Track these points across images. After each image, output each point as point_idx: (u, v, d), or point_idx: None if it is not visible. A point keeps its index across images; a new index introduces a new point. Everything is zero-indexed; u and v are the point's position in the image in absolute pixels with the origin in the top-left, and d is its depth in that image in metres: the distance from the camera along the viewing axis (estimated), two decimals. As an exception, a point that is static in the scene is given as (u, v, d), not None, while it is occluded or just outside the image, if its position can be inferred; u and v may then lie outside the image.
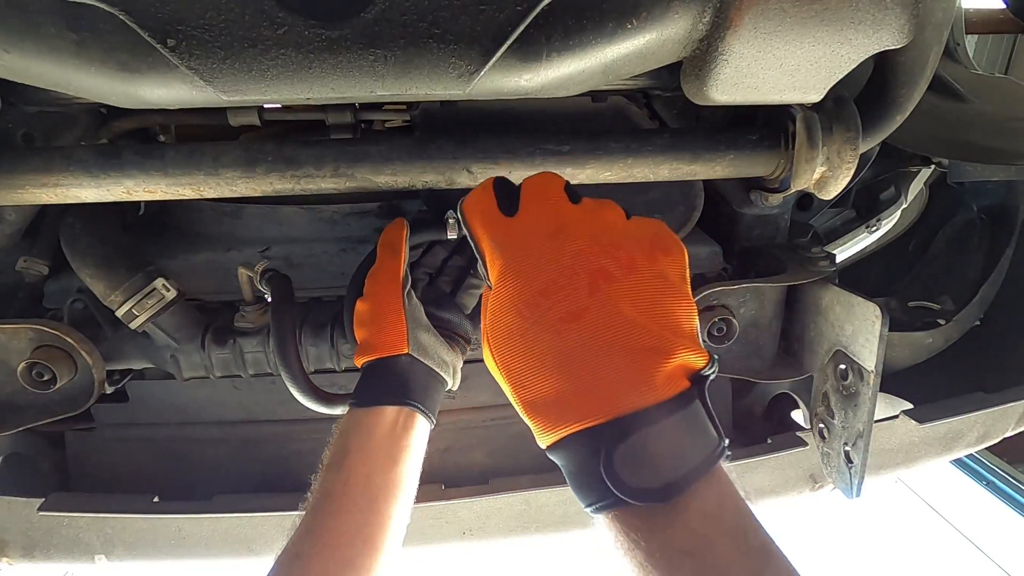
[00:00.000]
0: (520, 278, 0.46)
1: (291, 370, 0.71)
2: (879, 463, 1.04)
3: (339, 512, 0.57)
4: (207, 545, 0.93)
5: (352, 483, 0.59)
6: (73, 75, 0.53)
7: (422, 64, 0.54)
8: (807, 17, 0.54)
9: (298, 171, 0.70)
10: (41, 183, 0.67)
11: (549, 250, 0.46)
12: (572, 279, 0.44)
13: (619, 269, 0.44)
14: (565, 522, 0.98)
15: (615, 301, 0.43)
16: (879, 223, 1.31)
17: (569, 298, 0.43)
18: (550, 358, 0.43)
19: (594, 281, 0.44)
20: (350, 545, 0.56)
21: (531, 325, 0.44)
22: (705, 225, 0.95)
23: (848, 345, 0.76)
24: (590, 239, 0.46)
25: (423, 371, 0.66)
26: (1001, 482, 3.24)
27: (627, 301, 0.43)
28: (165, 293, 0.78)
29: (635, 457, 0.40)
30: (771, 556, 0.40)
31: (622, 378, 0.41)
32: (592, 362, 0.42)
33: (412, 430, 0.64)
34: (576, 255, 0.45)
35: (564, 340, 0.43)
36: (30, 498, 0.89)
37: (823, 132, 0.70)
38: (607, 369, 0.42)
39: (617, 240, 0.46)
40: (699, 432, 0.42)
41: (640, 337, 0.42)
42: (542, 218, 0.48)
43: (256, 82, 0.53)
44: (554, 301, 0.44)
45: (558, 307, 0.43)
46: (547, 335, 0.43)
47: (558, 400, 0.42)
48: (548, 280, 0.45)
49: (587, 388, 0.42)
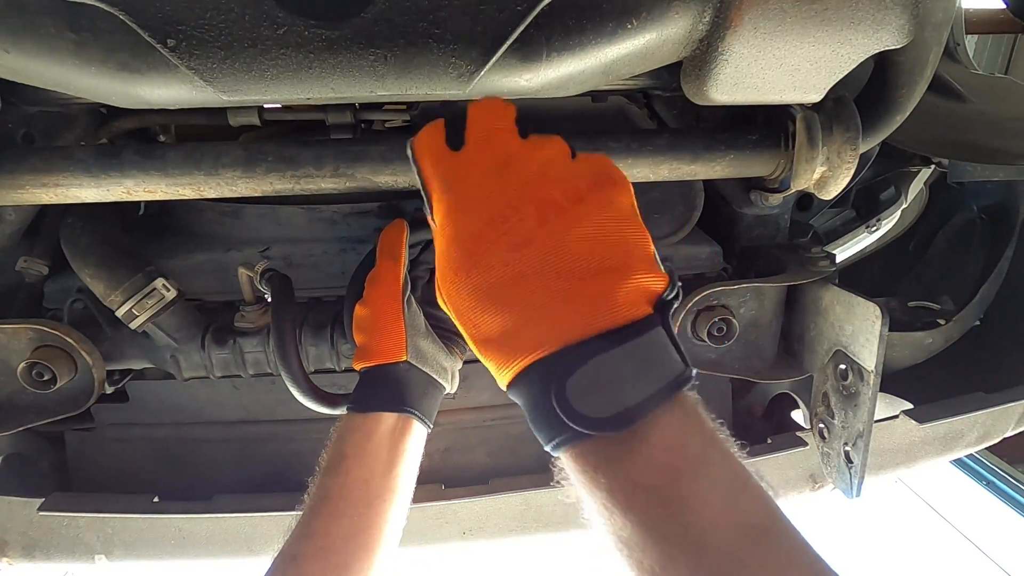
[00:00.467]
0: (465, 212, 0.44)
1: (291, 370, 0.71)
2: (879, 463, 1.04)
3: (336, 515, 0.57)
4: (207, 545, 0.93)
5: (349, 487, 0.59)
6: (73, 75, 0.53)
7: (422, 64, 0.54)
8: (807, 17, 0.54)
9: (298, 171, 0.70)
10: (41, 183, 0.67)
11: (494, 183, 0.44)
12: (519, 210, 0.42)
13: (567, 200, 0.43)
14: (565, 522, 0.97)
15: (564, 229, 0.41)
16: (879, 223, 1.31)
17: (516, 228, 0.42)
18: (499, 291, 0.41)
19: (542, 211, 0.42)
20: (346, 548, 0.56)
21: (478, 259, 0.42)
22: (705, 225, 0.95)
23: (848, 345, 0.76)
24: (537, 171, 0.44)
25: (421, 378, 0.66)
26: (1001, 482, 3.24)
27: (577, 229, 0.41)
28: (165, 293, 0.78)
29: (589, 385, 0.38)
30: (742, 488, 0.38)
31: (575, 304, 0.39)
32: (543, 291, 0.40)
33: (409, 435, 0.64)
34: (522, 186, 0.43)
35: (512, 270, 0.41)
36: (30, 498, 0.89)
37: (823, 132, 0.70)
38: (558, 297, 0.40)
39: (564, 173, 0.45)
40: (660, 359, 0.39)
41: (592, 261, 0.40)
42: (488, 152, 0.46)
43: (256, 82, 0.53)
44: (500, 232, 0.42)
45: (505, 238, 0.41)
46: (495, 268, 0.41)
47: (510, 334, 0.41)
48: (494, 212, 0.43)
49: (538, 317, 0.40)
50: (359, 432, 0.62)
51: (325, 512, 0.58)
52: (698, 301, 0.80)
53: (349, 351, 0.83)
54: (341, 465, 0.60)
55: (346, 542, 0.57)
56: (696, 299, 0.80)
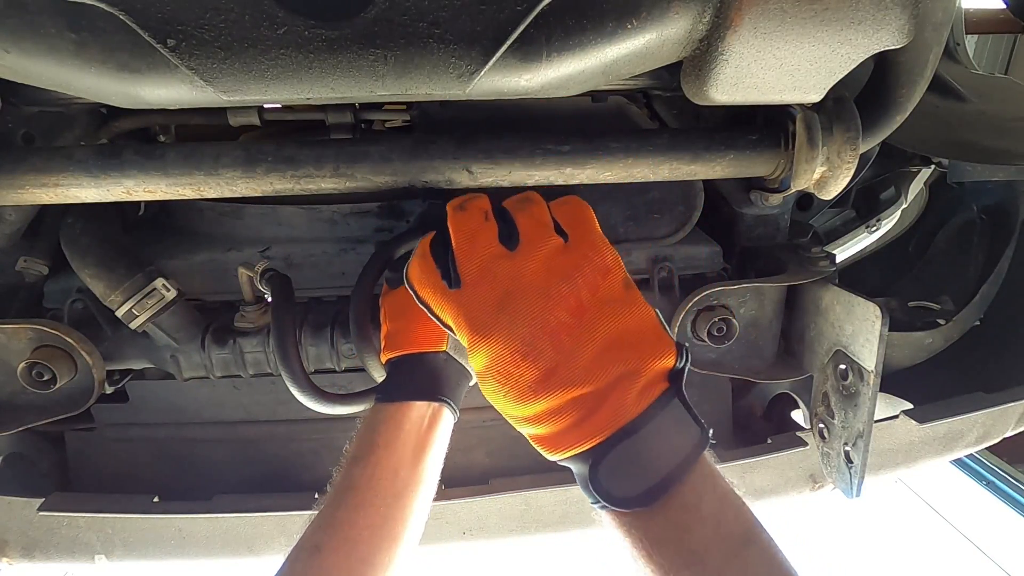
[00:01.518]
0: (488, 354, 0.50)
1: (291, 370, 0.71)
2: (879, 463, 1.04)
3: (363, 506, 0.57)
4: (207, 545, 0.93)
5: (379, 476, 0.59)
6: (73, 75, 0.53)
7: (422, 64, 0.54)
8: (807, 17, 0.54)
9: (298, 171, 0.70)
10: (41, 183, 0.67)
11: (505, 324, 0.50)
12: (535, 346, 0.49)
13: (573, 318, 0.49)
14: (565, 522, 0.98)
15: (577, 351, 0.48)
16: (879, 223, 1.31)
17: (539, 362, 0.48)
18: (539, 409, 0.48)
19: (556, 341, 0.49)
20: (371, 539, 0.56)
21: (512, 387, 0.49)
22: (705, 225, 0.95)
23: (848, 345, 0.76)
24: (538, 295, 0.50)
25: (456, 369, 0.67)
26: (1001, 482, 3.25)
27: (588, 347, 0.48)
28: (165, 293, 0.78)
29: (616, 470, 0.46)
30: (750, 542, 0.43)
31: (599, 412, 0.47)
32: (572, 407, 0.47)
33: (439, 424, 0.65)
34: (532, 321, 0.49)
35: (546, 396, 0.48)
36: (30, 498, 0.89)
37: (823, 132, 0.70)
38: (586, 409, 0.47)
39: (561, 287, 0.50)
40: (678, 430, 0.47)
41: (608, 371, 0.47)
42: (486, 290, 0.51)
43: (256, 82, 0.53)
44: (525, 368, 0.48)
45: (530, 372, 0.48)
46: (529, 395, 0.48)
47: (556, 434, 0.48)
48: (515, 351, 0.49)
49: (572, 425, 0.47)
50: (391, 421, 0.63)
51: (352, 502, 0.58)
52: (698, 301, 0.80)
53: (349, 351, 0.83)
54: (371, 455, 0.60)
55: (372, 533, 0.57)
56: (696, 299, 0.80)
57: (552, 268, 0.51)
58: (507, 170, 0.72)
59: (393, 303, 0.69)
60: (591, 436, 0.46)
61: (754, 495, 1.00)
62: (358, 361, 0.76)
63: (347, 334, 0.82)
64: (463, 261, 0.53)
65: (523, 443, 0.52)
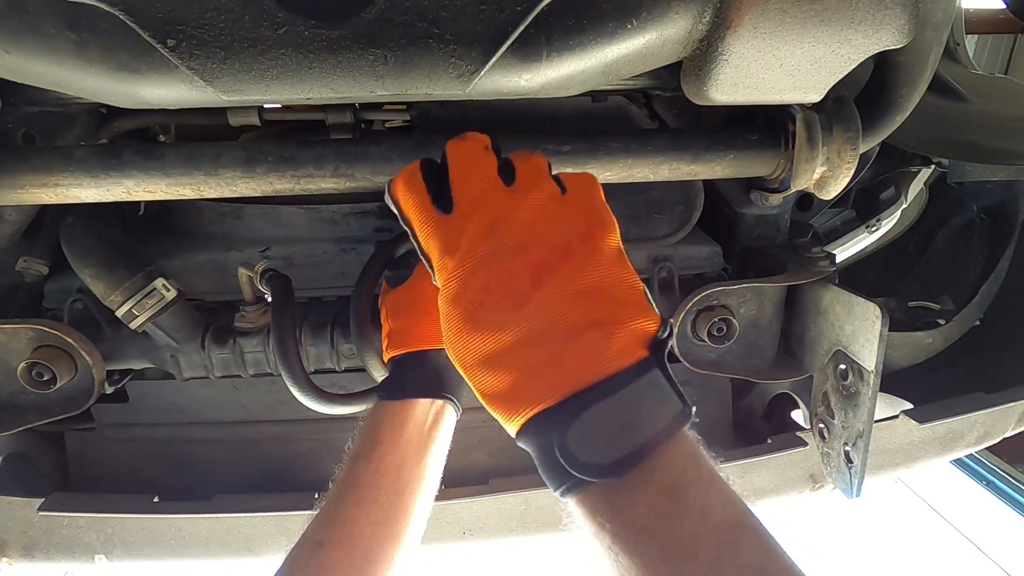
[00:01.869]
0: (462, 279, 0.46)
1: (292, 370, 0.71)
2: (879, 463, 1.04)
3: (365, 502, 0.57)
4: (207, 545, 0.93)
5: (382, 473, 0.59)
6: (73, 75, 0.53)
7: (422, 64, 0.54)
8: (807, 17, 0.54)
9: (298, 171, 0.70)
10: (41, 183, 0.67)
11: (488, 249, 0.46)
12: (513, 275, 0.45)
13: (557, 257, 0.45)
14: (565, 522, 0.97)
15: (557, 289, 0.44)
16: (879, 223, 1.31)
17: (512, 292, 0.44)
18: (500, 351, 0.43)
19: (535, 274, 0.44)
20: (374, 536, 0.56)
21: (478, 323, 0.44)
22: (705, 225, 0.95)
23: (848, 345, 0.76)
24: (526, 229, 0.47)
25: None
26: (1001, 482, 3.25)
27: (569, 286, 0.44)
28: (165, 293, 0.78)
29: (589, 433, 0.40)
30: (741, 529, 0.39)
31: (570, 357, 0.42)
32: (541, 349, 0.42)
33: (442, 421, 0.65)
34: (514, 251, 0.46)
35: (511, 332, 0.43)
36: (30, 498, 0.89)
37: (823, 132, 0.70)
38: (555, 353, 0.42)
39: (553, 227, 0.47)
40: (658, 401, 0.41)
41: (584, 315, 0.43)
42: (476, 214, 0.48)
43: (256, 82, 0.53)
44: (498, 297, 0.44)
45: (503, 302, 0.44)
46: (494, 331, 0.44)
47: (513, 389, 0.43)
48: (490, 278, 0.45)
49: (538, 373, 0.42)
50: (395, 418, 0.63)
51: (354, 499, 0.57)
52: (698, 301, 0.80)
53: (349, 351, 0.83)
54: (375, 452, 0.60)
55: (374, 530, 0.56)
56: (696, 299, 0.80)
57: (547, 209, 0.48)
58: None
59: (395, 302, 0.69)
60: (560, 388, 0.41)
61: (754, 495, 1.00)
62: (358, 361, 0.76)
63: (347, 334, 0.82)
64: (459, 186, 0.50)
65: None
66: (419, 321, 0.66)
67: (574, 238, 0.46)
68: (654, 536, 0.38)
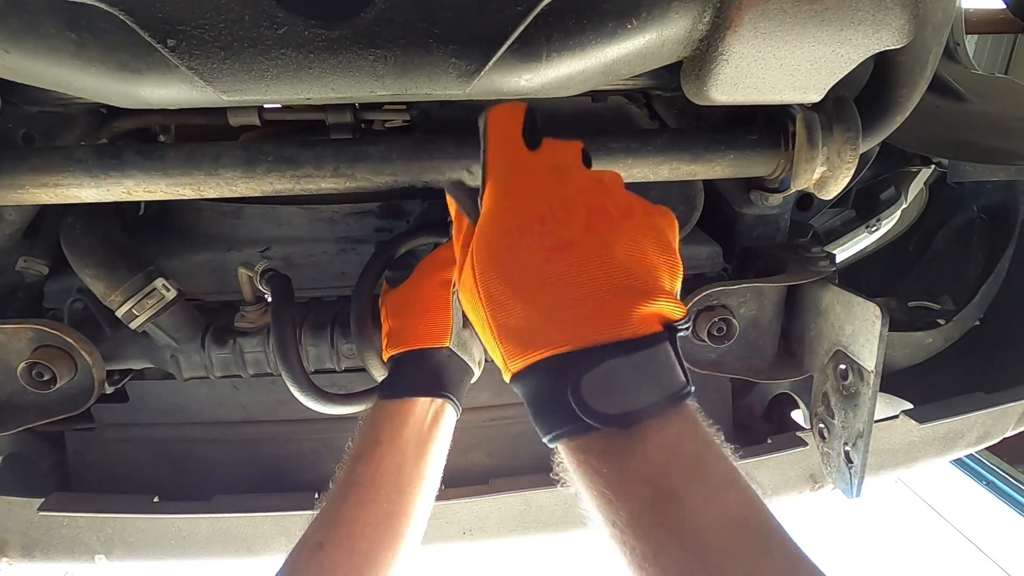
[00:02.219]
0: (517, 201, 0.46)
1: (292, 370, 0.71)
2: (879, 463, 1.04)
3: (366, 502, 0.57)
4: (207, 545, 0.93)
5: (382, 472, 0.59)
6: (73, 75, 0.53)
7: (422, 64, 0.54)
8: (807, 17, 0.54)
9: (298, 171, 0.70)
10: (41, 183, 0.67)
11: (551, 181, 0.47)
12: (570, 211, 0.45)
13: (616, 211, 0.46)
14: (565, 522, 0.97)
15: (608, 239, 0.44)
16: (879, 223, 1.31)
17: (564, 228, 0.44)
18: (533, 284, 0.43)
19: (591, 217, 0.45)
20: (375, 536, 0.56)
21: (521, 250, 0.44)
22: (705, 225, 0.95)
23: (848, 345, 0.76)
24: (593, 180, 0.48)
25: (459, 365, 0.67)
26: (1001, 482, 3.24)
27: (619, 243, 0.44)
28: (165, 293, 0.78)
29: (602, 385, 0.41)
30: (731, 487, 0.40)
31: (600, 311, 0.42)
32: (574, 292, 0.42)
33: (442, 420, 0.65)
34: (578, 191, 0.46)
35: (551, 267, 0.43)
36: (30, 498, 0.89)
37: (823, 132, 0.70)
38: (587, 301, 0.42)
39: (618, 191, 0.48)
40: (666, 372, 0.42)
41: (624, 277, 0.43)
42: (554, 156, 0.50)
43: (256, 82, 0.53)
44: (548, 229, 0.44)
45: (551, 235, 0.44)
46: (536, 260, 0.43)
47: (533, 325, 0.43)
48: (545, 208, 0.45)
49: (565, 316, 0.42)
50: (395, 417, 0.63)
51: (355, 499, 0.57)
52: (698, 301, 0.80)
53: (349, 351, 0.83)
54: (375, 451, 0.60)
55: (375, 530, 0.56)
56: (696, 299, 0.80)
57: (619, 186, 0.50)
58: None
59: (395, 301, 0.69)
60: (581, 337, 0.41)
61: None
62: (358, 361, 0.76)
63: (347, 334, 0.82)
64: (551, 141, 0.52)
65: (523, 443, 0.52)
66: (419, 320, 0.66)
67: (637, 204, 0.48)
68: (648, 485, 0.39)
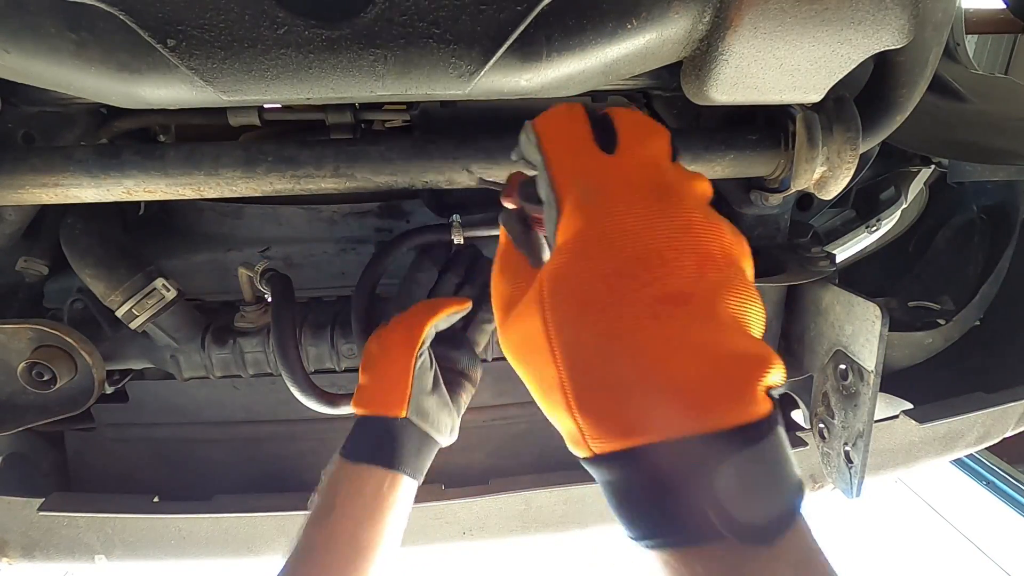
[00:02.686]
0: (615, 237, 0.34)
1: (292, 370, 0.71)
2: (879, 463, 1.04)
3: (322, 566, 0.58)
4: (207, 545, 0.93)
5: (335, 537, 0.59)
6: (73, 75, 0.53)
7: (422, 64, 0.54)
8: (807, 17, 0.54)
9: (298, 171, 0.70)
10: (41, 183, 0.67)
11: (655, 213, 0.35)
12: (680, 255, 0.34)
13: (722, 256, 0.35)
14: (565, 522, 0.97)
15: (720, 292, 0.34)
16: (879, 223, 1.31)
17: (675, 276, 0.33)
18: (638, 345, 0.32)
19: (702, 264, 0.34)
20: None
21: (620, 299, 0.33)
22: (705, 225, 0.95)
23: (848, 345, 0.76)
24: (701, 212, 0.36)
25: (417, 435, 0.65)
26: (1001, 482, 3.24)
27: (728, 296, 0.34)
28: (165, 293, 0.78)
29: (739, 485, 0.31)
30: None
31: (724, 384, 0.32)
32: (693, 360, 0.32)
33: (397, 491, 0.63)
34: (687, 228, 0.35)
35: (661, 325, 0.32)
36: (30, 498, 0.89)
37: (823, 132, 0.70)
38: (708, 371, 0.32)
39: (716, 221, 0.36)
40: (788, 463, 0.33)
41: (740, 340, 0.33)
42: (647, 168, 0.38)
43: (256, 82, 0.53)
44: (655, 276, 0.33)
45: (659, 284, 0.33)
46: (642, 316, 0.33)
47: (635, 397, 0.32)
48: (651, 248, 0.34)
49: (682, 391, 0.31)
50: (348, 483, 0.62)
51: (310, 562, 0.58)
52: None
53: (349, 351, 0.83)
54: (329, 516, 0.60)
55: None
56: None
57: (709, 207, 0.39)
58: (507, 170, 0.72)
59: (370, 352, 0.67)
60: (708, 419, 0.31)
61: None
62: (358, 361, 0.76)
63: (347, 334, 0.82)
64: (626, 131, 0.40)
65: (523, 443, 0.52)
66: (380, 382, 0.64)
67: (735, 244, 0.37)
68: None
